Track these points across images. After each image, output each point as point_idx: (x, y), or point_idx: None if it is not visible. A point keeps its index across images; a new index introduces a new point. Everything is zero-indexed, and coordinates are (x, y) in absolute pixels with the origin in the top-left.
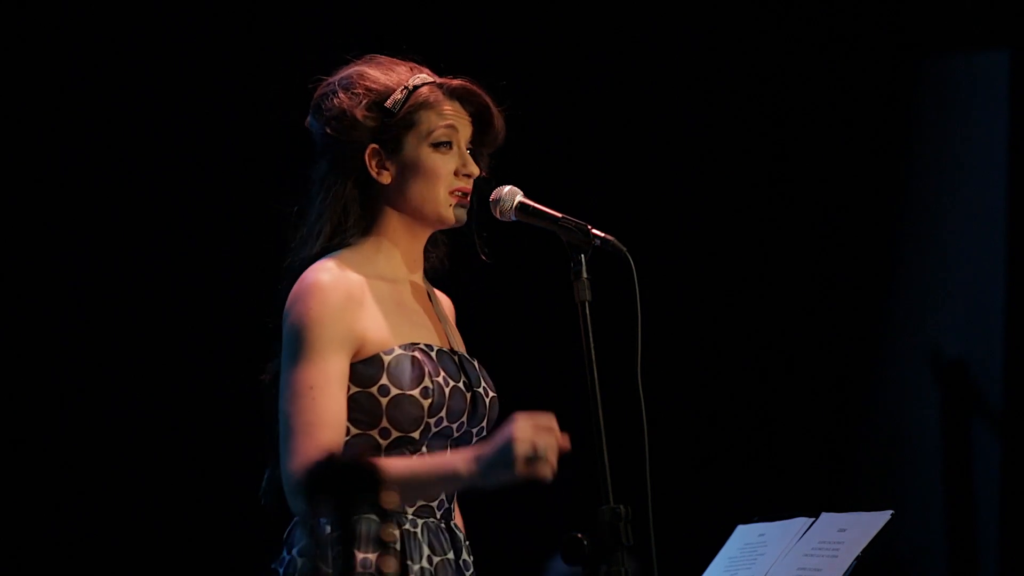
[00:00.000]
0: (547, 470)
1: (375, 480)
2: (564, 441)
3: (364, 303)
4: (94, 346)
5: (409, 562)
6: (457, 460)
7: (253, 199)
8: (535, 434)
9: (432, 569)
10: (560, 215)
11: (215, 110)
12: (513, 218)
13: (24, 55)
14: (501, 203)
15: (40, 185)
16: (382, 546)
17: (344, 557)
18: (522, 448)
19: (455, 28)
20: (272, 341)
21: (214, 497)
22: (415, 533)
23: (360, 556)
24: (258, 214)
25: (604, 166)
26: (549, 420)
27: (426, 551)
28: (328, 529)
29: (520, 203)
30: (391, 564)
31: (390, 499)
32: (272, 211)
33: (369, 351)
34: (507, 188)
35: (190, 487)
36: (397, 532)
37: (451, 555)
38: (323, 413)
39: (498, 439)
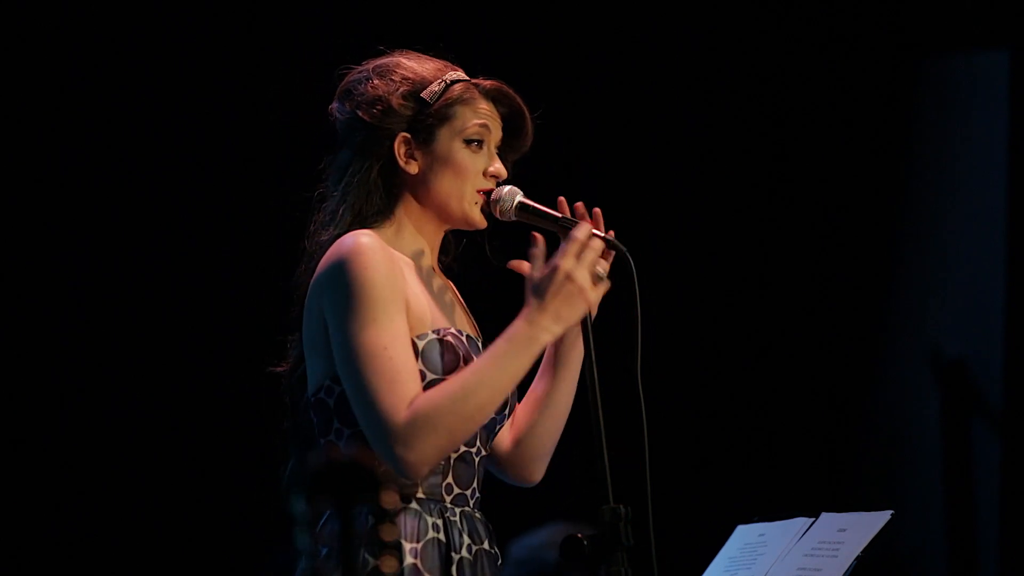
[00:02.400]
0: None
1: (375, 480)
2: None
3: (405, 276)
4: (94, 346)
5: (453, 553)
6: (514, 325)
7: (255, 198)
8: (579, 252)
9: (471, 558)
10: (560, 215)
11: (216, 110)
12: (513, 218)
13: (24, 55)
14: (501, 203)
15: (40, 185)
16: (382, 546)
17: (345, 557)
18: (577, 266)
19: (453, 27)
20: (289, 333)
21: (214, 497)
22: (455, 522)
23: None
24: (260, 212)
25: (604, 166)
26: (582, 232)
27: (466, 540)
28: (371, 520)
29: (520, 203)
30: (391, 564)
31: (390, 499)
32: (271, 211)
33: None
34: (507, 188)
35: (190, 487)
36: (398, 531)
37: (486, 544)
38: (403, 369)
39: (539, 274)
